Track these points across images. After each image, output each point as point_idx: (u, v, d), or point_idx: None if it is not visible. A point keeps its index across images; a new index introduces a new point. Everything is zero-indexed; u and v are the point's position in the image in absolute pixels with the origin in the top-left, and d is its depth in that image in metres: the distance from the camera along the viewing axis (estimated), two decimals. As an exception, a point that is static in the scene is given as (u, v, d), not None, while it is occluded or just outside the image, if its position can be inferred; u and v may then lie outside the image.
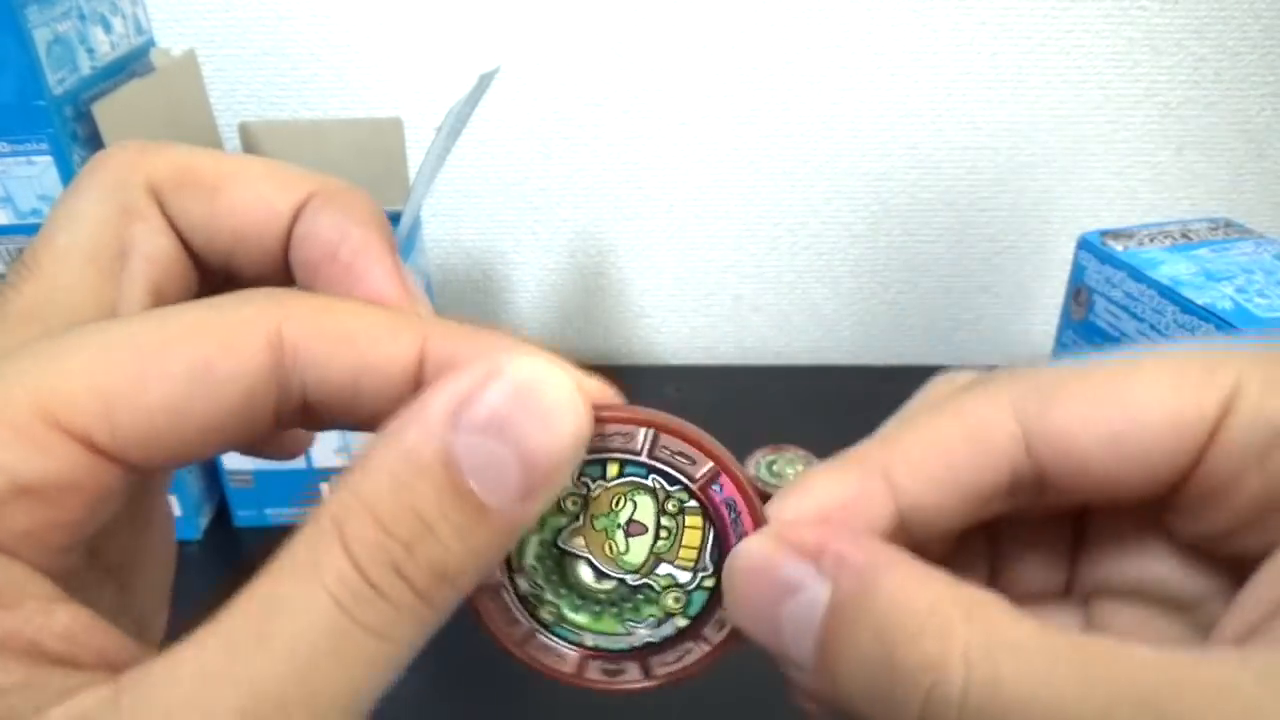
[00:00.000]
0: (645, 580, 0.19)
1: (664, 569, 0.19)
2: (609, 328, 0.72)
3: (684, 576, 0.19)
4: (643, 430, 0.18)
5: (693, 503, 0.19)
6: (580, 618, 0.20)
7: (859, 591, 0.15)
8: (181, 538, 0.52)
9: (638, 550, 0.19)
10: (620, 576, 0.19)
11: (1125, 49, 0.63)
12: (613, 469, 0.19)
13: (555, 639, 0.20)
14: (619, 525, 0.19)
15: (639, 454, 0.18)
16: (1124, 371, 0.16)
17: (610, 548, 0.19)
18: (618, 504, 0.19)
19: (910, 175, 0.67)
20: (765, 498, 0.19)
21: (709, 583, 0.19)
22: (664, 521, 0.19)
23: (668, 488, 0.19)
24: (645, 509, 0.19)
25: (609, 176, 0.66)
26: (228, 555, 0.52)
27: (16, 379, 0.12)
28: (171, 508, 0.19)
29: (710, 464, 0.18)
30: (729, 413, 0.53)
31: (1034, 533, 0.19)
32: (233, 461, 0.51)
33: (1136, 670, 0.13)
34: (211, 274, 0.18)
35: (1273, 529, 0.16)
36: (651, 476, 0.19)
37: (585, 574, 0.19)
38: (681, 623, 0.20)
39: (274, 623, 0.12)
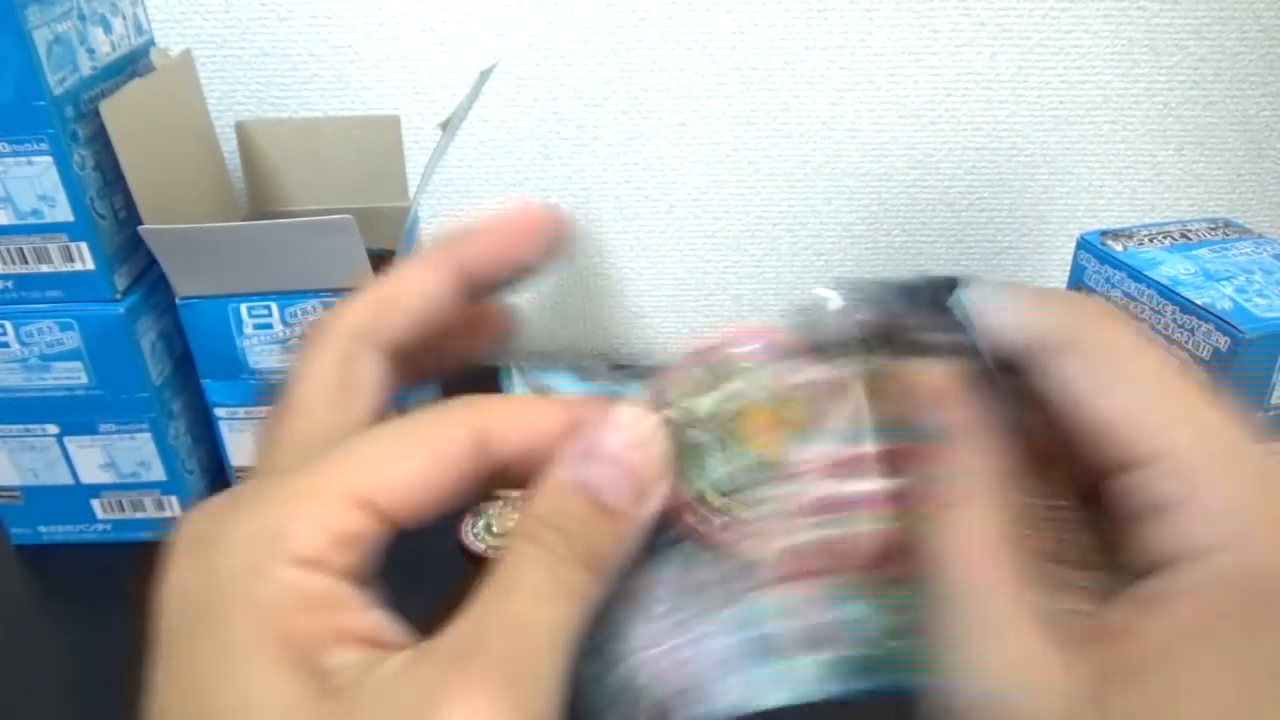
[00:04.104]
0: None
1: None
2: (608, 328, 0.72)
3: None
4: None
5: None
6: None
7: None
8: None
9: None
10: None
11: (1125, 49, 0.63)
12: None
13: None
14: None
15: None
16: None
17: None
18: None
19: (909, 176, 0.67)
20: None
21: None
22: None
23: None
24: None
25: (609, 177, 0.66)
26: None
27: (328, 474, 0.19)
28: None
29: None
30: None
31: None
32: (240, 457, 0.51)
33: None
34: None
35: None
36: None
37: None
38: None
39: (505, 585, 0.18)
